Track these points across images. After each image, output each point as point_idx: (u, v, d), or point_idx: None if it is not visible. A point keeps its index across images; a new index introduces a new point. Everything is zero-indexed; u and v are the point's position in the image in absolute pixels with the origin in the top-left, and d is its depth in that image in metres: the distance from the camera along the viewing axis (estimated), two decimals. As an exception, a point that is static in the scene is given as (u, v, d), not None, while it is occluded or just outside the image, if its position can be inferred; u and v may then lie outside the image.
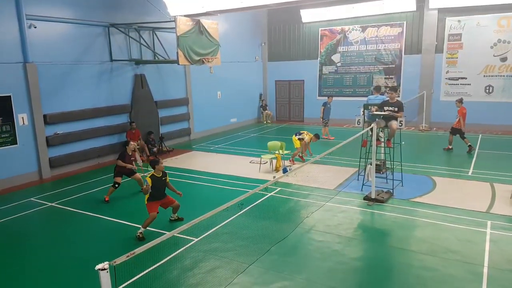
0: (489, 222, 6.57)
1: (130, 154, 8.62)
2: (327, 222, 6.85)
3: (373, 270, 5.34)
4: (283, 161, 10.43)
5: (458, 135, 11.88)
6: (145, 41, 12.66)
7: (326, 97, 15.18)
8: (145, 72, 13.02)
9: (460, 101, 12.16)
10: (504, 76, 14.86)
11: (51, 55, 10.31)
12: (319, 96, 18.52)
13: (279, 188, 8.66)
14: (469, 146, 11.68)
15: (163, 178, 6.71)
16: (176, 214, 6.97)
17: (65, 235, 6.82)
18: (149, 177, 6.51)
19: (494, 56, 14.91)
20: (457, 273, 5.11)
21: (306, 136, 11.02)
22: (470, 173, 9.65)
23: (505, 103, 14.98)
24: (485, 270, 5.13)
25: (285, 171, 9.82)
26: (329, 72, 18.42)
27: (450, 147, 12.08)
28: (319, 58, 18.52)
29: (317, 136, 11.25)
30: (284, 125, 18.65)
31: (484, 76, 15.21)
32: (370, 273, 5.30)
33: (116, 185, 8.33)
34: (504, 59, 14.78)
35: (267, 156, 10.50)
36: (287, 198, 8.26)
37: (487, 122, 15.06)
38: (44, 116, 10.16)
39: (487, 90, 15.25)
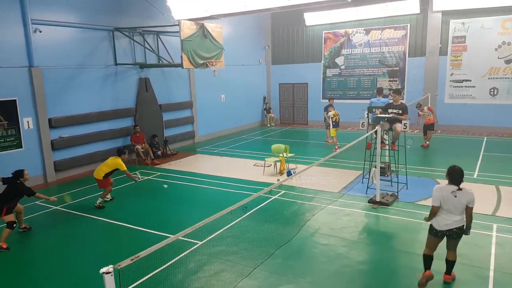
0: (495, 225, 6.52)
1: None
2: (332, 225, 6.82)
3: (379, 274, 5.31)
4: (287, 164, 10.42)
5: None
6: (149, 45, 12.74)
7: (333, 99, 15.12)
8: (149, 76, 13.09)
9: (418, 105, 13.20)
10: (508, 78, 14.77)
11: (56, 59, 10.40)
12: (323, 98, 18.51)
13: (283, 191, 8.65)
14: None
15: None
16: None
17: (70, 238, 6.85)
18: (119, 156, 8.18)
19: (498, 58, 14.83)
20: (463, 276, 5.06)
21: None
22: (475, 176, 9.58)
23: (510, 105, 14.88)
24: (491, 273, 5.09)
25: (289, 174, 9.80)
26: (333, 74, 18.41)
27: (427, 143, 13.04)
28: (322, 61, 18.52)
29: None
30: (288, 128, 18.64)
31: (489, 78, 15.13)
32: (375, 276, 5.26)
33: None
34: (508, 61, 14.70)
35: (271, 159, 10.50)
36: (291, 201, 8.24)
37: (492, 125, 14.96)
38: (49, 120, 10.24)
39: (492, 93, 15.16)
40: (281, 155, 10.42)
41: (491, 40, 14.80)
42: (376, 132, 7.59)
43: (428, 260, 4.83)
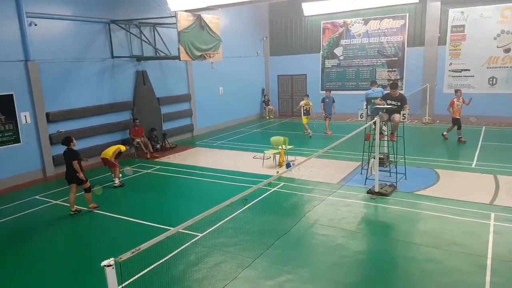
0: (492, 214, 6.56)
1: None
2: (331, 216, 6.86)
3: (377, 264, 5.36)
4: (286, 156, 10.43)
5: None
6: (146, 37, 12.64)
7: (330, 91, 15.13)
8: (146, 69, 13.01)
9: (455, 91, 12.55)
10: (507, 67, 14.73)
11: (52, 52, 10.32)
12: (321, 90, 18.45)
13: (283, 183, 8.67)
14: (444, 134, 12.49)
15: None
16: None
17: (70, 232, 6.89)
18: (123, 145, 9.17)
19: (497, 47, 14.77)
20: (461, 265, 5.11)
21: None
22: (473, 165, 9.62)
23: (509, 95, 14.87)
24: (489, 261, 5.14)
25: (288, 166, 9.82)
26: (331, 65, 18.32)
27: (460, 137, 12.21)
28: (321, 52, 18.42)
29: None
30: (286, 120, 18.61)
31: (488, 67, 15.09)
32: (374, 266, 5.31)
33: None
34: (507, 50, 14.65)
35: (270, 151, 10.51)
36: (291, 193, 8.27)
37: (490, 114, 14.95)
38: (47, 114, 10.20)
39: (491, 82, 15.13)
40: (280, 147, 10.43)
41: (490, 29, 14.73)
42: (374, 123, 7.59)
43: None
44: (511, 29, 14.40)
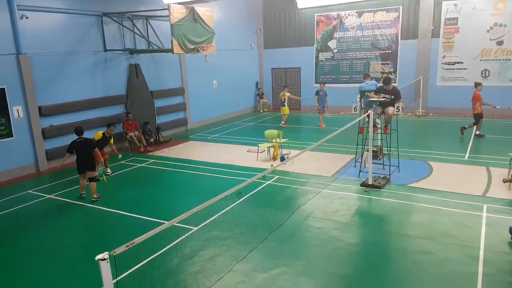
0: (485, 206, 6.65)
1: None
2: (325, 209, 6.90)
3: (371, 255, 5.42)
4: (280, 149, 10.45)
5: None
6: (139, 30, 12.50)
7: (324, 84, 15.16)
8: (139, 62, 12.89)
9: (475, 85, 11.88)
10: (500, 60, 14.83)
11: (44, 46, 10.16)
12: (315, 83, 18.44)
13: (277, 177, 8.70)
14: (464, 128, 11.92)
15: (108, 138, 9.21)
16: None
17: (65, 227, 6.85)
18: (101, 132, 9.10)
19: (490, 40, 14.84)
20: (453, 256, 5.19)
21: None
22: (466, 158, 9.72)
23: (501, 87, 14.98)
24: (481, 253, 5.22)
25: (282, 159, 9.84)
26: (325, 58, 18.30)
27: (478, 133, 11.79)
28: (315, 45, 18.37)
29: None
30: (281, 113, 18.57)
31: (481, 60, 15.17)
32: (367, 258, 5.37)
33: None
34: (500, 43, 14.73)
35: (265, 144, 10.51)
36: (285, 186, 8.30)
37: (484, 107, 15.04)
38: (39, 108, 10.08)
39: (484, 74, 15.23)
40: (274, 140, 10.43)
41: (483, 22, 14.78)
42: (368, 116, 7.61)
43: None
44: (504, 22, 14.46)
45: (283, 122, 15.04)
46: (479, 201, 6.92)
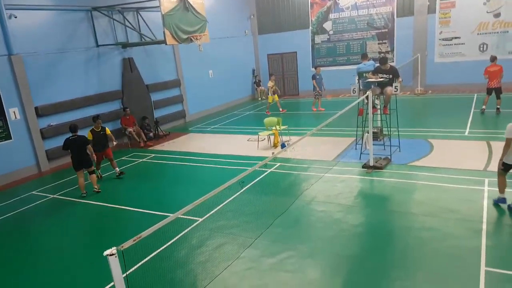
0: (486, 180, 6.67)
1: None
2: (328, 193, 6.94)
3: (375, 235, 5.47)
4: (280, 136, 10.44)
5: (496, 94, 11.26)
6: (130, 23, 12.34)
7: (320, 68, 15.03)
8: (133, 56, 12.77)
9: (491, 59, 11.44)
10: (498, 32, 14.66)
11: (35, 45, 10.05)
12: (312, 67, 18.28)
13: (279, 164, 8.72)
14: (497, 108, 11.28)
15: (102, 132, 8.65)
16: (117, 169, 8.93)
17: (70, 225, 6.91)
18: (90, 131, 8.61)
19: (487, 12, 14.64)
20: (457, 231, 5.24)
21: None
22: (466, 133, 9.71)
23: (499, 60, 14.79)
24: (484, 226, 5.26)
25: (283, 146, 9.84)
26: (321, 41, 18.10)
27: (484, 107, 11.51)
28: (310, 27, 18.15)
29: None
30: (279, 100, 18.48)
31: (478, 34, 15.01)
32: (371, 238, 5.43)
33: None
34: (497, 15, 14.53)
35: (265, 132, 10.50)
36: (287, 172, 8.33)
37: (482, 81, 14.93)
38: (36, 108, 10.04)
39: (481, 48, 15.09)
40: (274, 128, 10.42)
41: (479, -6, 14.56)
42: (367, 97, 7.57)
43: None
44: (500, -7, 14.25)
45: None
46: (480, 175, 6.94)
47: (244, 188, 7.37)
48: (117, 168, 9.01)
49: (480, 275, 4.24)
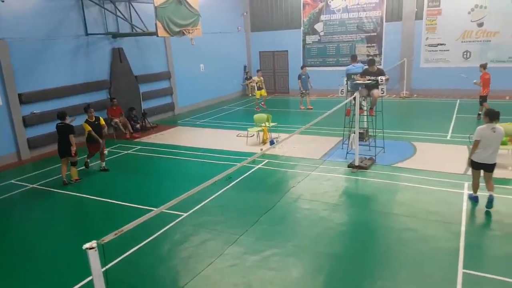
0: (466, 183, 6.86)
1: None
2: (314, 191, 7.02)
3: (358, 234, 5.58)
4: (269, 133, 10.48)
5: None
6: (121, 13, 12.13)
7: (306, 68, 15.17)
8: (123, 46, 12.57)
9: (484, 66, 11.52)
10: (480, 41, 15.05)
11: (22, 30, 9.78)
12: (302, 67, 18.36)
13: (267, 160, 8.76)
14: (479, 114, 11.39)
15: (96, 122, 8.43)
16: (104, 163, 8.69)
17: (50, 216, 6.77)
18: (85, 122, 8.32)
19: (471, 21, 15.00)
20: (436, 232, 5.39)
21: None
22: (448, 137, 9.96)
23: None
24: (463, 228, 5.43)
25: (272, 143, 9.88)
26: (312, 41, 18.20)
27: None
28: (302, 28, 18.22)
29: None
30: (269, 97, 18.50)
31: (462, 41, 15.37)
32: (355, 236, 5.53)
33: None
34: (480, 25, 14.91)
35: (254, 129, 10.52)
36: (275, 169, 8.38)
37: (465, 87, 15.31)
38: (19, 95, 9.78)
39: (465, 56, 15.46)
40: (263, 124, 10.44)
41: (464, 4, 14.90)
42: (354, 98, 7.68)
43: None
44: (484, 3, 14.61)
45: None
46: (460, 179, 7.14)
47: (231, 184, 7.38)
48: (103, 163, 8.80)
49: (458, 277, 4.38)
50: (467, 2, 14.84)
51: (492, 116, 5.83)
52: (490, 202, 5.83)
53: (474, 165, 6.02)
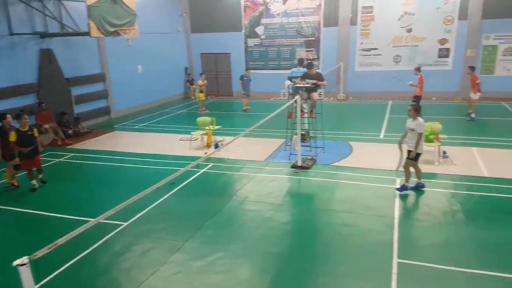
0: (398, 179, 7.42)
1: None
2: (259, 192, 7.11)
3: (301, 232, 5.76)
4: (214, 136, 10.39)
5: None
6: (50, 12, 11.22)
7: (250, 70, 15.40)
8: (52, 47, 11.64)
9: (418, 69, 12.29)
10: (409, 46, 16.42)
11: None
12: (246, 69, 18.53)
13: (212, 164, 8.68)
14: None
15: (29, 132, 7.22)
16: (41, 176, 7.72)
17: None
18: (14, 131, 7.04)
19: (401, 27, 16.32)
20: (373, 226, 5.75)
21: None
22: (381, 137, 10.71)
23: (411, 71, 16.44)
24: (396, 221, 5.86)
25: (216, 146, 9.81)
26: (254, 44, 18.44)
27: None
28: (243, 30, 18.37)
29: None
30: (212, 99, 18.40)
31: (393, 46, 16.64)
32: (298, 235, 5.70)
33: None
34: (409, 30, 16.27)
35: (198, 132, 10.36)
36: (220, 173, 8.33)
37: (396, 89, 16.58)
38: None
39: (396, 60, 16.75)
40: (207, 128, 10.33)
41: (395, 11, 16.14)
42: (296, 101, 7.94)
43: None
44: (412, 11, 15.96)
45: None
46: (392, 175, 7.68)
47: (174, 190, 7.19)
48: (40, 175, 7.82)
49: (393, 266, 4.70)
50: (397, 9, 16.09)
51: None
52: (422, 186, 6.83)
53: (412, 156, 6.76)
